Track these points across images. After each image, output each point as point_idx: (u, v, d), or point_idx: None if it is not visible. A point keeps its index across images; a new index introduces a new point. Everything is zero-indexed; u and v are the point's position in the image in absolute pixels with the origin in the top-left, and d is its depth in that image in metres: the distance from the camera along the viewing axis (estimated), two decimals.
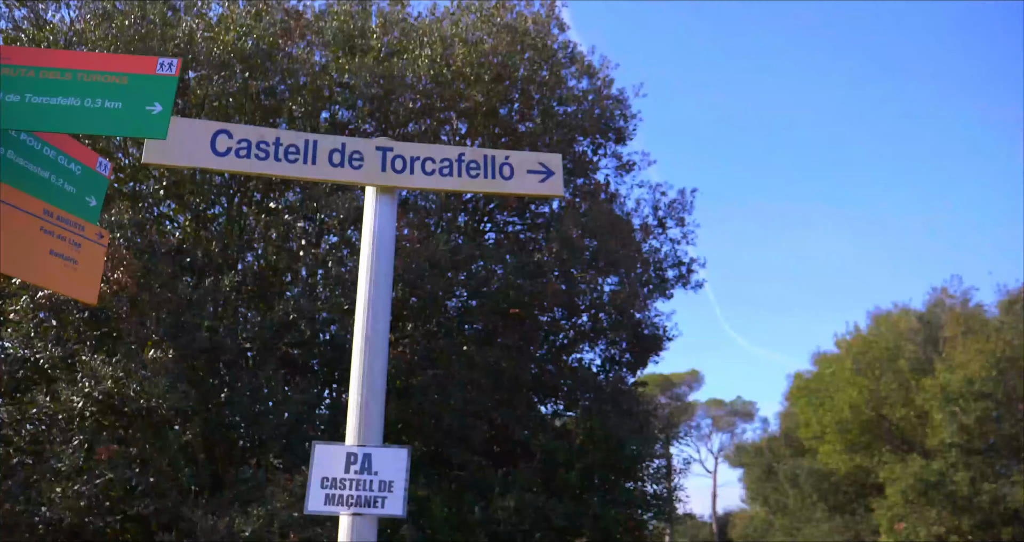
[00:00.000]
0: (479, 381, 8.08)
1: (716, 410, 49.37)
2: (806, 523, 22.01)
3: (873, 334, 18.49)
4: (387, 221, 4.44)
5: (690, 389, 47.63)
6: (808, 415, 18.77)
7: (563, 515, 7.90)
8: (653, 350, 10.16)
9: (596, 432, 8.51)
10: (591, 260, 8.81)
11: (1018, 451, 16.01)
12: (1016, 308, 17.60)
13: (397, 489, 3.98)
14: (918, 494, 15.53)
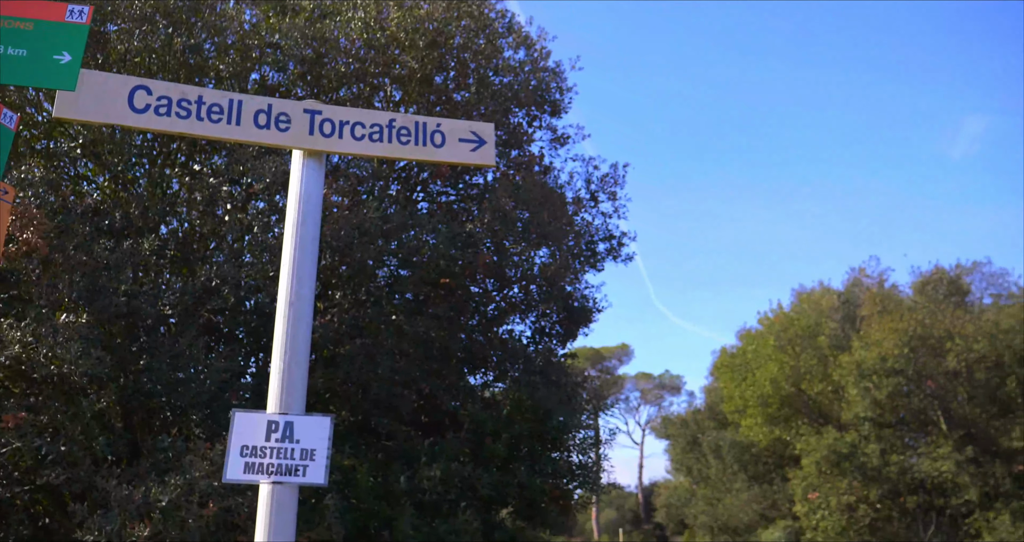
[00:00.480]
0: (408, 351, 8.04)
1: (645, 383, 50.47)
2: (727, 493, 22.75)
3: (796, 312, 19.08)
4: (314, 186, 4.35)
5: (620, 363, 48.55)
6: (731, 389, 19.31)
7: (489, 485, 7.97)
8: (583, 322, 10.27)
9: (524, 403, 8.59)
10: (523, 232, 8.82)
11: (925, 425, 16.82)
12: (928, 289, 18.40)
13: (319, 457, 3.94)
14: (831, 465, 16.18)
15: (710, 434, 23.67)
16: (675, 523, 31.21)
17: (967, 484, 15.13)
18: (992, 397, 16.03)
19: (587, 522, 52.00)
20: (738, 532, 22.27)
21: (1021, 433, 15.28)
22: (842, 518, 16.09)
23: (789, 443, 18.40)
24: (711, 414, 25.56)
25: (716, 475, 23.18)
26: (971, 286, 18.81)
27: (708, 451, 23.25)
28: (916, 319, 16.31)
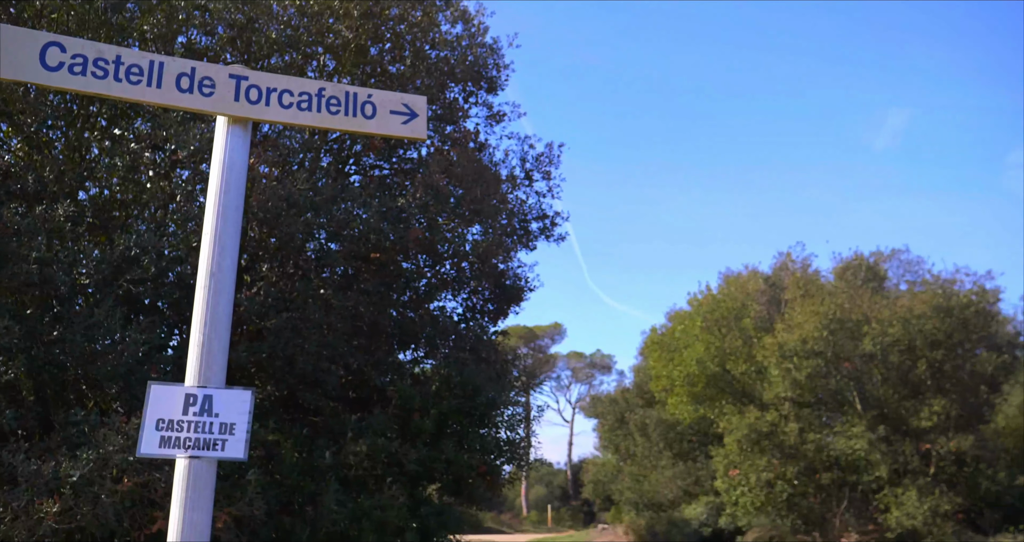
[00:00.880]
0: (336, 326, 7.94)
1: (576, 362, 51.18)
2: (652, 469, 23.28)
3: (723, 294, 19.54)
4: (238, 154, 4.24)
5: (553, 341, 49.08)
6: (659, 369, 19.69)
7: (416, 460, 7.97)
8: (514, 300, 10.31)
9: (453, 379, 8.59)
10: (456, 208, 8.77)
11: (841, 405, 17.49)
12: (848, 275, 19.08)
13: (239, 431, 3.87)
14: (752, 443, 16.69)
15: (637, 412, 24.13)
16: (601, 499, 31.87)
17: (878, 461, 15.80)
18: (904, 379, 16.74)
19: (516, 498, 52.66)
20: (662, 508, 22.85)
21: (929, 414, 16.02)
22: (761, 494, 16.64)
23: (713, 421, 18.90)
24: (639, 393, 26.04)
25: (642, 452, 23.68)
26: (888, 272, 19.58)
27: (635, 429, 23.71)
28: (836, 303, 16.88)
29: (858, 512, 16.90)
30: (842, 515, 16.84)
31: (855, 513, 16.88)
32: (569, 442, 53.07)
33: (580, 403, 49.60)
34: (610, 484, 26.85)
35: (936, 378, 16.64)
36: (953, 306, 16.81)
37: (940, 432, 16.25)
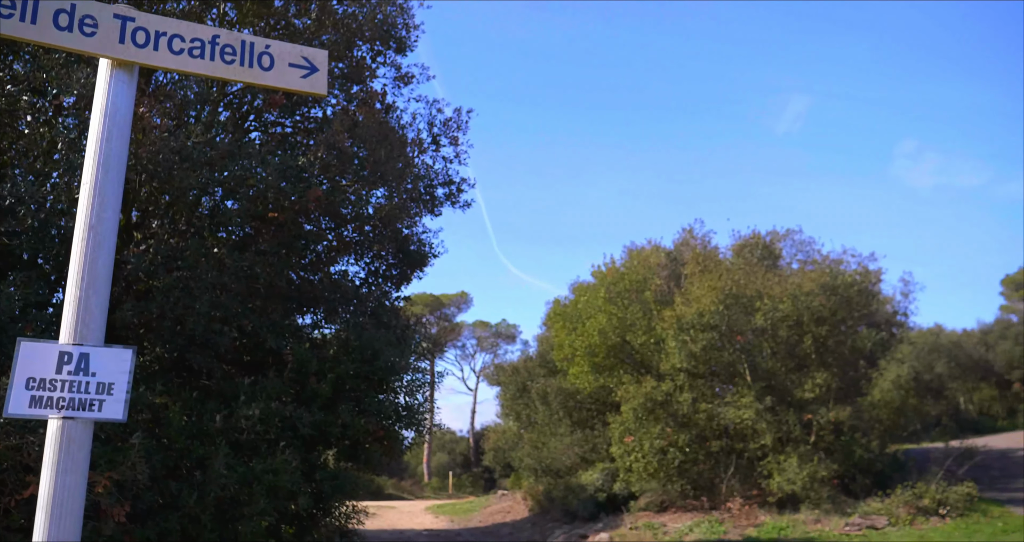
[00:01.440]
0: (231, 286, 7.70)
1: (482, 331, 51.48)
2: (552, 437, 23.71)
3: (626, 267, 19.96)
4: (122, 100, 4.03)
5: (459, 310, 49.18)
6: (562, 339, 19.98)
7: (312, 425, 7.87)
8: (418, 266, 10.25)
9: (352, 343, 8.49)
10: (359, 170, 8.60)
11: (733, 376, 18.19)
12: (745, 252, 19.79)
13: (118, 392, 3.73)
14: (647, 412, 17.18)
15: (539, 381, 24.47)
16: (502, 466, 32.34)
17: (764, 430, 16.55)
18: (791, 353, 17.54)
19: (418, 466, 52.90)
20: (560, 474, 23.33)
21: (812, 386, 16.85)
22: (654, 460, 17.18)
23: (611, 391, 19.34)
24: (542, 362, 26.39)
25: (543, 420, 24.07)
26: (782, 251, 20.43)
27: (536, 397, 24.06)
28: (732, 279, 17.50)
29: (743, 478, 17.67)
30: (729, 480, 17.58)
31: (741, 479, 17.64)
32: (472, 410, 53.50)
33: (484, 372, 50.03)
34: (510, 451, 27.24)
35: (820, 352, 17.49)
36: (839, 285, 17.65)
37: (821, 403, 17.11)
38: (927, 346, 42.45)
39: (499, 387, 29.69)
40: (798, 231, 20.51)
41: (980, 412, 43.24)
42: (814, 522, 15.45)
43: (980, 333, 46.81)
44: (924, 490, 15.63)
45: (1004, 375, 43.94)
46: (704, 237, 21.55)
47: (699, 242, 21.31)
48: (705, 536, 15.25)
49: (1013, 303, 60.78)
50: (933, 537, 13.65)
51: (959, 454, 18.92)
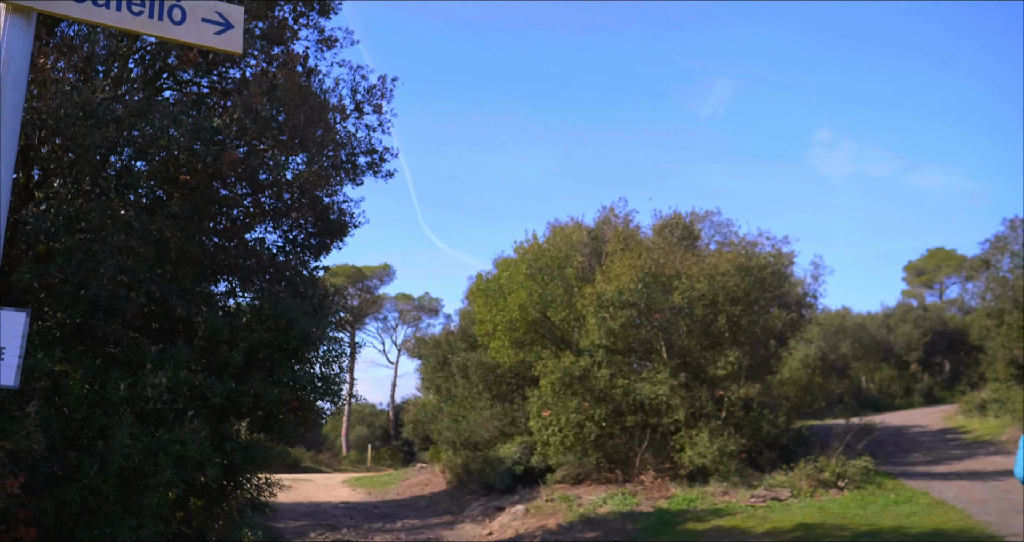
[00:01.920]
0: (138, 250, 7.40)
1: (404, 304, 51.16)
2: (471, 410, 23.84)
3: (549, 243, 20.10)
4: (18, 48, 3.81)
5: (381, 282, 48.74)
6: (484, 313, 20.03)
7: (222, 394, 7.68)
8: (338, 235, 10.05)
9: (266, 312, 8.29)
10: (278, 134, 8.34)
11: (650, 353, 18.59)
12: (665, 232, 20.19)
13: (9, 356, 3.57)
14: (565, 386, 17.44)
15: (460, 355, 24.51)
16: (421, 439, 32.36)
17: (678, 406, 17.01)
18: (706, 331, 18.01)
19: (337, 439, 52.52)
20: (479, 447, 23.51)
21: (725, 363, 17.37)
22: (570, 434, 17.47)
23: (531, 365, 19.54)
24: (463, 336, 26.43)
25: (462, 394, 24.17)
26: (701, 232, 20.90)
27: (457, 371, 24.11)
28: (652, 258, 17.82)
29: (657, 451, 18.14)
30: (643, 454, 18.02)
31: (654, 452, 18.11)
32: (393, 383, 53.24)
33: (405, 345, 49.82)
34: (430, 424, 27.27)
35: (733, 331, 18.02)
36: (753, 266, 18.17)
37: (733, 380, 17.66)
38: (834, 327, 44.33)
39: (420, 360, 29.64)
40: (717, 213, 21.03)
41: (880, 391, 45.49)
42: (722, 494, 16.02)
43: (883, 316, 49.10)
44: (825, 464, 16.38)
45: (903, 356, 46.30)
46: (626, 216, 21.86)
47: (621, 221, 21.60)
48: (618, 508, 15.63)
49: (914, 288, 63.94)
50: (831, 508, 14.33)
51: (858, 430, 19.88)
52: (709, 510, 14.91)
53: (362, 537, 15.58)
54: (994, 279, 23.24)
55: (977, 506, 13.48)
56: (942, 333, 46.68)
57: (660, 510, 15.19)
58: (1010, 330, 23.67)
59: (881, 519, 13.03)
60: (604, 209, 22.84)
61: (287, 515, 18.99)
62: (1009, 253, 22.98)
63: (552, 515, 15.61)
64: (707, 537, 12.68)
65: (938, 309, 50.40)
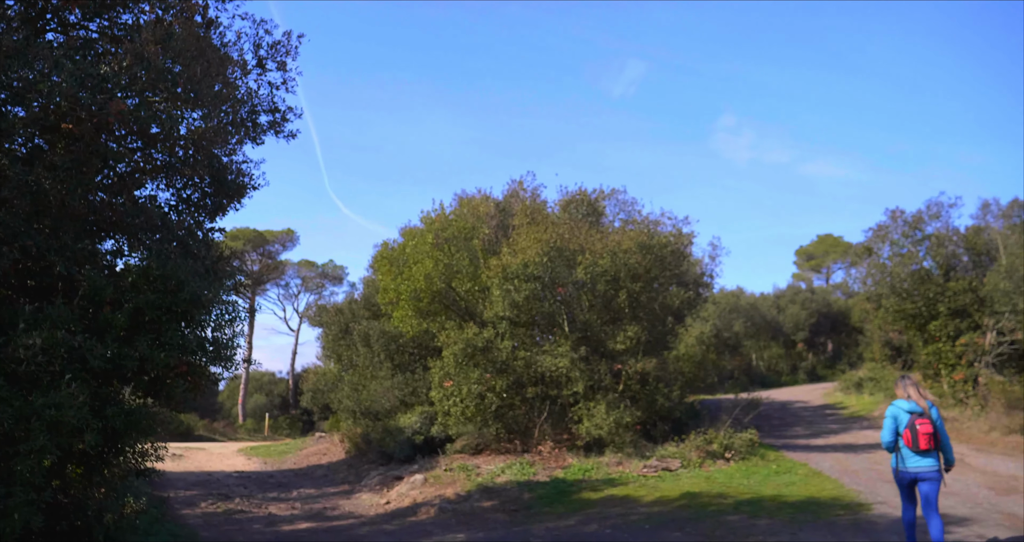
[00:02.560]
0: (13, 202, 6.91)
1: (307, 271, 50.13)
2: (372, 379, 23.64)
3: (456, 214, 19.98)
4: None
5: (284, 248, 47.56)
6: (387, 282, 19.79)
7: (104, 357, 7.30)
8: (236, 196, 9.66)
9: (153, 272, 7.90)
10: (172, 86, 7.90)
11: (552, 326, 18.81)
12: (571, 208, 20.41)
13: None
14: (467, 357, 17.48)
15: (362, 323, 24.22)
16: (321, 408, 31.96)
17: (577, 378, 17.32)
18: (607, 307, 18.36)
19: (233, 407, 51.26)
20: (379, 417, 23.38)
21: (624, 338, 17.77)
22: (471, 405, 17.56)
23: (434, 336, 19.48)
24: (367, 305, 26.10)
25: (364, 363, 23.91)
26: (606, 209, 21.24)
27: (358, 339, 23.82)
28: (558, 233, 17.99)
29: (555, 422, 18.45)
30: (542, 425, 18.30)
31: (553, 423, 18.42)
32: (294, 352, 52.27)
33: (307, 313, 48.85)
34: (330, 393, 26.92)
35: (633, 307, 18.43)
36: (654, 245, 18.60)
37: (631, 355, 18.10)
38: (728, 306, 46.06)
39: (321, 328, 29.11)
40: (622, 191, 21.39)
41: (768, 368, 47.70)
42: (616, 464, 16.48)
43: (774, 297, 51.35)
44: (714, 436, 17.07)
45: (791, 336, 48.63)
46: (534, 190, 21.97)
47: (528, 194, 21.70)
48: (516, 477, 15.87)
49: (804, 272, 67.09)
50: (717, 477, 14.97)
51: (746, 405, 20.79)
52: (603, 480, 15.33)
53: (256, 506, 15.30)
54: (874, 266, 24.56)
55: (849, 476, 14.34)
56: (827, 315, 49.29)
57: (556, 479, 15.51)
58: (887, 314, 25.14)
59: (762, 488, 13.70)
60: (512, 182, 22.89)
61: (177, 484, 18.44)
62: (889, 242, 24.31)
63: (451, 484, 15.71)
64: (600, 505, 13.04)
65: (824, 292, 53.14)
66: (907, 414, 8.26)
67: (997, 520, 10.34)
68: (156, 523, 11.34)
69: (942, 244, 23.52)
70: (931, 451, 8.16)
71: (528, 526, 11.88)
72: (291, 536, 12.06)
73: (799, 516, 11.15)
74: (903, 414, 8.29)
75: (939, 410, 8.45)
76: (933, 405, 8.33)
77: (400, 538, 11.59)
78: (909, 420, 8.20)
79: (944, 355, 22.95)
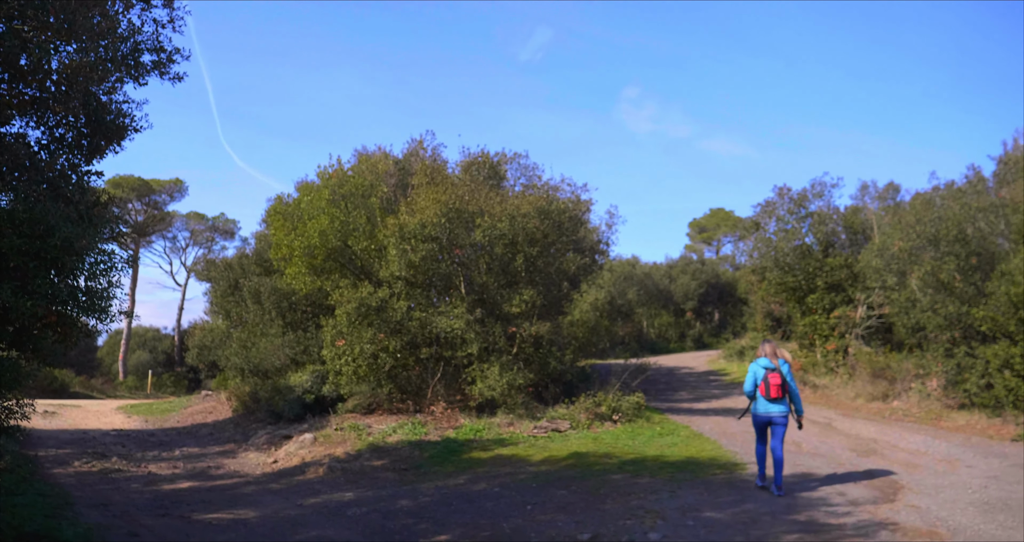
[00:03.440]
0: None
1: (197, 224, 48.12)
2: (262, 337, 23.04)
3: (354, 171, 19.49)
4: None
5: (172, 198, 45.42)
6: (280, 238, 19.22)
7: None
8: (115, 138, 9.05)
9: (20, 215, 7.35)
10: (43, 14, 7.28)
11: (448, 288, 18.78)
12: (472, 170, 20.30)
13: None
14: (361, 316, 17.24)
15: (253, 280, 23.51)
16: (207, 365, 30.99)
17: (472, 340, 17.39)
18: (504, 270, 18.46)
19: (113, 363, 49.05)
20: (269, 375, 22.89)
21: (519, 301, 17.94)
22: (364, 364, 17.39)
23: (328, 294, 19.11)
24: (259, 260, 25.33)
25: (254, 320, 23.27)
26: (507, 173, 21.22)
27: (248, 296, 23.13)
28: (457, 194, 17.86)
29: (449, 383, 18.52)
30: (435, 386, 18.34)
31: (446, 384, 18.48)
32: (180, 307, 50.26)
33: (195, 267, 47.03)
34: (217, 350, 26.09)
35: (530, 271, 18.60)
36: (553, 210, 18.76)
37: (526, 318, 18.30)
38: (623, 274, 47.26)
39: (210, 283, 28.10)
40: (524, 156, 21.41)
41: (659, 335, 49.35)
42: (508, 425, 16.72)
43: (667, 267, 53.00)
44: (603, 399, 17.55)
45: (681, 305, 50.39)
46: (434, 150, 21.71)
47: (429, 154, 21.44)
48: (407, 437, 15.88)
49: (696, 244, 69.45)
50: (604, 438, 15.42)
51: (634, 370, 21.47)
52: (494, 440, 15.53)
53: (134, 465, 14.75)
54: (761, 240, 25.63)
55: (727, 438, 15.05)
56: (715, 285, 51.33)
57: (447, 439, 15.62)
58: (769, 286, 26.37)
59: (646, 449, 14.21)
60: (413, 141, 22.54)
61: (48, 443, 17.55)
62: (775, 217, 25.40)
63: (341, 443, 15.58)
64: (490, 465, 13.22)
65: (714, 264, 55.21)
66: (763, 369, 10.05)
67: (856, 478, 11.09)
68: (23, 483, 10.77)
69: (823, 222, 24.74)
70: (781, 399, 9.98)
71: (417, 485, 11.93)
72: (172, 495, 11.69)
73: (679, 475, 11.64)
74: (760, 369, 10.08)
75: (790, 367, 10.28)
76: (785, 362, 10.11)
77: (287, 497, 11.42)
78: (764, 374, 10.00)
79: (819, 326, 24.30)
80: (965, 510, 9.11)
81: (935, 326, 17.90)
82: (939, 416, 17.12)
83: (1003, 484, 10.56)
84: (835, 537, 7.95)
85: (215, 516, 9.96)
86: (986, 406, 16.45)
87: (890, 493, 10.10)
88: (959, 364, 17.24)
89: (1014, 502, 9.46)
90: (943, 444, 13.98)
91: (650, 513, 9.24)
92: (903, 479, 11.00)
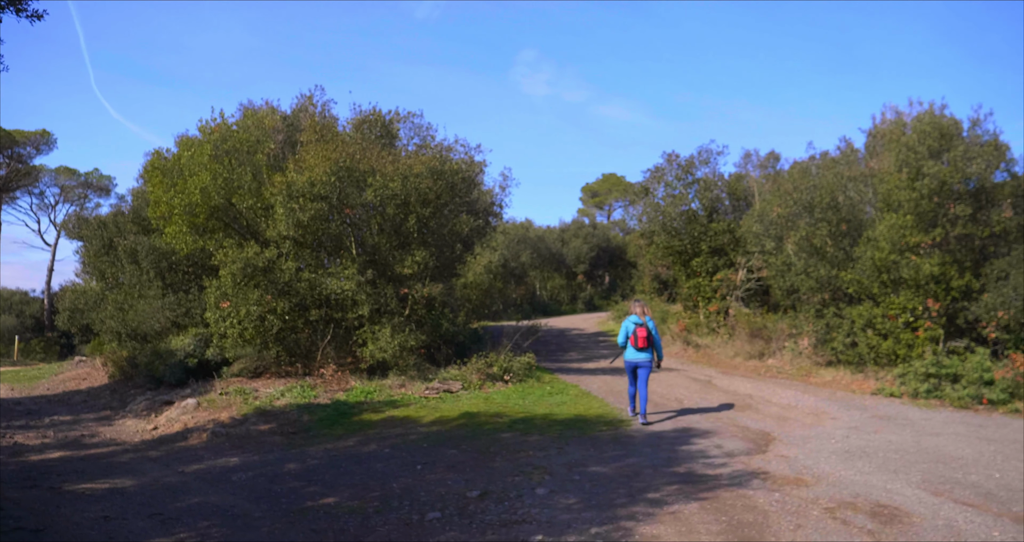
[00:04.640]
0: None
1: (67, 180, 45.13)
2: (140, 299, 21.97)
3: (239, 126, 18.60)
4: None
5: (38, 151, 42.30)
6: (160, 195, 18.22)
7: None
8: None
9: None
10: None
11: (339, 248, 18.39)
12: (364, 128, 19.77)
13: None
14: (247, 277, 16.66)
15: (130, 239, 22.31)
16: (81, 330, 29.38)
17: (363, 301, 17.13)
18: (396, 231, 18.21)
19: None
20: (148, 339, 21.90)
21: (412, 263, 17.78)
22: (250, 327, 16.86)
23: (211, 254, 18.35)
24: (136, 219, 24.00)
25: (130, 281, 22.12)
26: (400, 133, 20.78)
27: (124, 256, 21.94)
28: (348, 153, 17.37)
29: (339, 346, 18.24)
30: (325, 348, 18.02)
31: (336, 346, 18.19)
32: (50, 268, 47.23)
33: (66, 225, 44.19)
34: (91, 313, 24.70)
35: (422, 233, 18.42)
36: (446, 171, 18.57)
37: (418, 280, 18.16)
38: (517, 237, 47.62)
39: (81, 242, 26.47)
40: (419, 115, 21.01)
41: (551, 297, 50.16)
42: (399, 387, 16.67)
43: (560, 230, 53.75)
44: (494, 360, 17.73)
45: (573, 267, 51.33)
46: (324, 105, 21.02)
47: (318, 110, 20.74)
48: (296, 400, 15.58)
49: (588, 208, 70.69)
50: (495, 398, 15.61)
51: (526, 331, 21.76)
52: (385, 401, 15.46)
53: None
54: (649, 205, 26.31)
55: (614, 396, 15.53)
56: (606, 249, 52.50)
57: (337, 402, 15.43)
58: (657, 249, 27.18)
59: (536, 407, 14.49)
60: (302, 97, 21.73)
61: None
62: (664, 183, 26.09)
63: (226, 408, 15.12)
64: (380, 426, 13.16)
65: (605, 228, 56.41)
66: (633, 324, 12.35)
67: (733, 432, 11.69)
68: None
69: (709, 188, 25.60)
70: (646, 348, 12.34)
71: (305, 448, 11.76)
72: (41, 466, 11.08)
73: (567, 432, 11.94)
74: (631, 324, 12.40)
75: (655, 323, 13.11)
76: (651, 319, 12.42)
77: (167, 464, 11.03)
78: (634, 329, 12.31)
79: (703, 289, 25.29)
80: (828, 458, 9.77)
81: (807, 288, 18.93)
82: (809, 372, 18.22)
83: (862, 434, 11.40)
84: (711, 487, 8.37)
85: (89, 486, 9.51)
86: (850, 363, 17.62)
87: (763, 445, 10.72)
88: (828, 324, 18.34)
89: (871, 450, 10.23)
90: (811, 398, 14.90)
91: (538, 469, 9.45)
92: (775, 431, 11.68)
